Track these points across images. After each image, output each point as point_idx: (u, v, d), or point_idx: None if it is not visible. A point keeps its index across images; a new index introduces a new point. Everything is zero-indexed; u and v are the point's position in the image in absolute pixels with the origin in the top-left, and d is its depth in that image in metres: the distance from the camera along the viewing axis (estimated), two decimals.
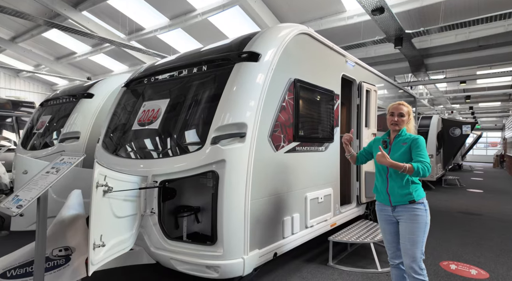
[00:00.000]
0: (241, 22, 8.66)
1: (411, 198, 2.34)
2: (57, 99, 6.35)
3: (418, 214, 2.32)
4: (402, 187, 2.36)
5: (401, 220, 2.40)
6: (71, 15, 9.45)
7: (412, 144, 2.39)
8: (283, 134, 3.15)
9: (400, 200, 2.38)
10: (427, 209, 2.38)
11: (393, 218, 2.47)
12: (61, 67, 15.70)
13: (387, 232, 2.53)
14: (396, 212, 2.43)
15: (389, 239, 2.52)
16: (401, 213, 2.39)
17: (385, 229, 2.53)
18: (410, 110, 2.56)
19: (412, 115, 2.61)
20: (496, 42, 7.36)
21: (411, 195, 2.34)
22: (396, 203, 2.41)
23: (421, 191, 2.41)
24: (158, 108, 3.33)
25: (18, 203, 1.96)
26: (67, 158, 2.30)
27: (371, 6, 5.14)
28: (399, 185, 2.38)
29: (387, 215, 2.50)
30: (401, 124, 2.49)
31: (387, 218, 2.51)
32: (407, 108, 2.53)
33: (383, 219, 2.54)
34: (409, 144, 2.41)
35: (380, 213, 2.57)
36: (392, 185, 2.41)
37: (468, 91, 15.29)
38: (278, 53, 3.08)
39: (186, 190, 3.36)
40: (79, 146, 5.29)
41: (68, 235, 2.61)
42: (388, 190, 2.43)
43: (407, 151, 2.39)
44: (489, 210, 7.40)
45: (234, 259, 2.58)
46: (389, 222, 2.50)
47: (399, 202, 2.38)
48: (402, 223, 2.39)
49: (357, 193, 4.77)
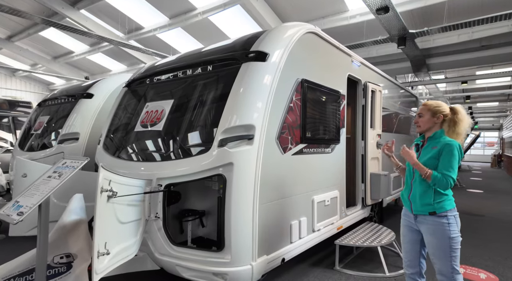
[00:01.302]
0: (242, 22, 8.56)
1: (431, 209, 2.15)
2: (55, 99, 6.23)
3: (439, 228, 2.12)
4: (422, 195, 2.19)
5: (423, 232, 2.25)
6: (69, 14, 9.31)
7: (442, 149, 2.14)
8: (290, 136, 3.07)
9: (420, 209, 2.21)
10: (452, 223, 2.12)
11: (415, 226, 2.31)
12: (58, 67, 15.52)
13: (407, 240, 2.39)
14: (418, 221, 2.27)
15: (407, 247, 2.39)
16: (422, 224, 2.23)
17: (406, 236, 2.40)
18: (439, 109, 2.25)
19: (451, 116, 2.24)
20: (499, 42, 7.32)
21: (432, 206, 2.15)
22: (417, 212, 2.24)
23: (446, 203, 2.15)
24: (162, 109, 3.24)
25: (18, 209, 1.87)
26: (69, 162, 2.20)
27: (376, 5, 5.08)
28: (420, 193, 2.21)
29: (409, 221, 2.36)
30: (423, 124, 2.29)
31: (409, 225, 2.37)
32: (428, 107, 2.29)
33: (405, 225, 2.40)
34: (440, 148, 2.16)
35: (404, 218, 2.44)
36: (415, 192, 2.25)
37: (468, 91, 15.30)
38: (286, 53, 3.00)
39: (190, 193, 3.27)
40: (79, 147, 5.18)
41: (70, 241, 2.52)
42: (410, 197, 2.29)
43: (435, 156, 2.16)
44: (490, 210, 7.37)
45: (242, 266, 2.49)
46: (410, 229, 2.36)
47: (419, 212, 2.22)
48: (424, 235, 2.24)
49: (362, 195, 4.70)
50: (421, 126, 2.32)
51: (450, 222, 2.12)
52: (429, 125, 2.28)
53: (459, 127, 2.22)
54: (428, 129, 2.31)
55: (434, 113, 2.27)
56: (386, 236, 4.06)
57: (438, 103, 2.32)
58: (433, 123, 2.27)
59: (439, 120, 2.26)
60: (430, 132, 2.30)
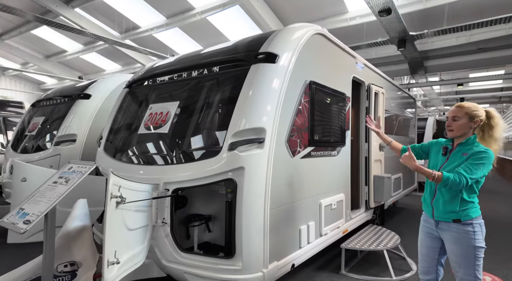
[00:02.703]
0: (241, 22, 8.49)
1: (455, 217, 2.05)
2: (50, 99, 6.06)
3: (463, 236, 2.04)
4: (447, 202, 2.08)
5: (444, 239, 2.16)
6: (63, 12, 9.10)
7: (472, 155, 2.00)
8: (299, 139, 3.02)
9: (443, 216, 2.11)
10: (477, 231, 2.04)
11: (435, 232, 2.22)
12: (50, 66, 15.20)
13: (424, 245, 2.32)
14: (439, 228, 2.17)
15: (424, 253, 2.32)
16: (444, 232, 2.14)
17: (423, 241, 2.33)
18: (477, 113, 2.08)
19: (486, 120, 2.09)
20: (495, 45, 7.43)
21: (457, 214, 2.05)
22: (438, 218, 2.15)
23: (472, 211, 2.06)
24: (167, 111, 3.15)
25: (24, 217, 1.77)
26: (76, 167, 2.11)
27: (379, 7, 5.08)
28: (445, 200, 2.09)
29: (429, 228, 2.27)
30: (457, 129, 2.10)
31: (428, 231, 2.28)
32: (466, 111, 2.09)
33: (424, 231, 2.31)
34: (469, 155, 2.02)
35: (423, 223, 2.34)
36: (438, 197, 2.13)
37: (461, 93, 15.53)
38: (295, 54, 2.95)
39: (196, 198, 3.19)
40: (76, 149, 5.05)
41: (74, 249, 2.42)
42: (433, 203, 2.17)
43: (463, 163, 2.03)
44: (486, 211, 7.41)
45: (254, 273, 2.43)
46: (429, 235, 2.27)
47: (442, 218, 2.12)
48: (446, 243, 2.15)
49: (366, 198, 4.68)
50: (455, 131, 2.12)
51: (476, 231, 2.04)
52: (465, 130, 2.10)
53: (496, 132, 2.08)
54: (462, 135, 2.12)
55: (472, 117, 2.07)
56: (391, 239, 4.04)
57: (475, 106, 2.12)
58: (469, 128, 2.09)
59: (476, 124, 2.09)
60: (464, 138, 2.12)
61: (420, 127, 11.30)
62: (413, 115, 8.06)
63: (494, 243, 5.03)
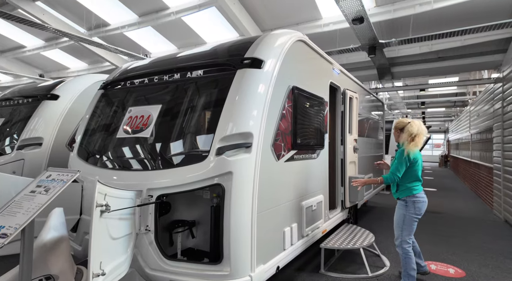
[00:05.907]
0: (217, 24, 8.43)
1: (396, 196, 3.47)
2: (10, 100, 5.60)
3: (398, 207, 3.44)
4: (393, 187, 3.49)
5: None
6: (22, 5, 8.43)
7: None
8: (283, 143, 3.08)
9: (395, 196, 3.50)
10: (409, 206, 3.31)
11: None
12: (6, 62, 13.98)
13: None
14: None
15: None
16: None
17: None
18: (398, 125, 3.51)
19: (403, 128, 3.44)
20: (453, 54, 8.09)
21: (396, 194, 3.46)
22: (395, 197, 3.51)
23: (402, 193, 3.36)
24: (149, 115, 3.06)
25: (0, 231, 1.63)
26: (55, 175, 1.98)
27: (352, 15, 5.31)
28: (393, 186, 3.47)
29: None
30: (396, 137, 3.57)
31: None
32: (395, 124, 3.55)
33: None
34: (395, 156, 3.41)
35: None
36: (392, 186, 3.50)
37: (422, 97, 16.65)
38: (279, 60, 3.00)
39: (179, 203, 3.12)
40: (42, 153, 4.72)
41: (51, 261, 2.27)
42: (391, 189, 3.56)
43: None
44: (447, 208, 8.07)
45: (242, 278, 2.44)
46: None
47: (395, 197, 3.51)
48: None
49: (342, 198, 4.86)
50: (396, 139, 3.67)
51: (408, 205, 3.32)
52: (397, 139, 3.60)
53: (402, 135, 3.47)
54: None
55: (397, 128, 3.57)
56: (366, 237, 4.24)
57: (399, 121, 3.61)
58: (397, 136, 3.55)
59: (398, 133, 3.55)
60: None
61: (388, 129, 11.99)
62: (381, 118, 8.52)
63: (454, 237, 5.47)
